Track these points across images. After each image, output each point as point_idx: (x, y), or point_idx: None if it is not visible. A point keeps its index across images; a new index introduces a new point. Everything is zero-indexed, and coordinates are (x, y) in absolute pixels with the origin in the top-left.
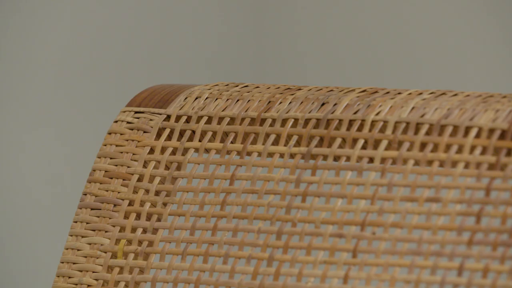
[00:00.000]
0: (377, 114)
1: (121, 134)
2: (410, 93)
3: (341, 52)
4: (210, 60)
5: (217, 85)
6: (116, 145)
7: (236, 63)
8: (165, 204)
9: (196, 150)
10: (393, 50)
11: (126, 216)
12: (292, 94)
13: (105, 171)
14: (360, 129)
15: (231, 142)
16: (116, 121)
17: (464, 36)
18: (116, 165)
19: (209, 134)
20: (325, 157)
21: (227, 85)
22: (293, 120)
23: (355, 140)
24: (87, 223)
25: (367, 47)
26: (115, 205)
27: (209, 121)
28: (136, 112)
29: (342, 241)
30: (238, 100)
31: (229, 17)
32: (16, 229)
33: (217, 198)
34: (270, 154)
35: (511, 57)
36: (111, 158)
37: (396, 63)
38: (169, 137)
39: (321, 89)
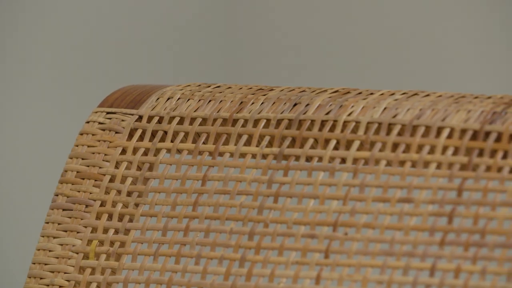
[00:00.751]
0: (349, 114)
1: (93, 134)
2: (382, 94)
3: (315, 52)
4: (182, 61)
5: (189, 85)
6: (88, 146)
7: (208, 64)
8: (137, 205)
9: (168, 150)
10: (368, 49)
11: (98, 217)
12: (264, 95)
13: (77, 172)
14: (332, 129)
15: (203, 143)
16: (88, 122)
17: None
18: (88, 166)
19: (181, 134)
20: (297, 158)
21: (199, 85)
22: (265, 120)
23: (327, 141)
24: (58, 224)
25: (342, 47)
26: (87, 206)
27: (181, 121)
28: (108, 113)
29: (314, 241)
30: (210, 101)
31: (201, 17)
32: None
33: (189, 198)
34: (242, 155)
35: (506, 58)
36: (83, 159)
37: (369, 63)
38: (141, 138)
39: (293, 90)
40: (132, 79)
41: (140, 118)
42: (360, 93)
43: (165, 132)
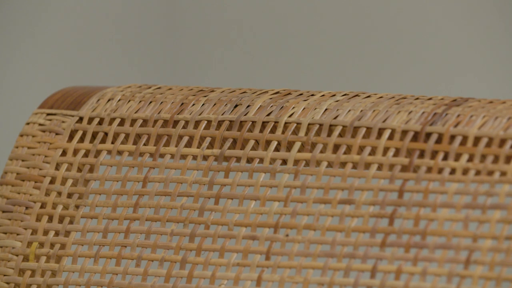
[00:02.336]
0: (290, 116)
1: (33, 136)
2: (323, 95)
3: (255, 53)
4: (122, 62)
5: (129, 86)
6: (28, 147)
7: (149, 65)
8: (77, 207)
9: (109, 152)
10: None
11: (38, 219)
12: (205, 96)
13: (17, 174)
14: (273, 131)
15: (144, 144)
16: (28, 123)
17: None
18: (28, 168)
19: (122, 136)
20: (238, 159)
21: (140, 86)
22: (206, 122)
23: (268, 142)
24: None
25: (289, 47)
26: (27, 208)
27: (121, 123)
28: (48, 114)
29: (255, 243)
30: (151, 102)
31: (142, 18)
32: None
33: (129, 200)
34: (183, 156)
35: (506, 60)
36: (23, 161)
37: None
38: (81, 139)
39: (234, 91)
40: (73, 80)
41: (80, 119)
42: (301, 94)
43: (106, 134)
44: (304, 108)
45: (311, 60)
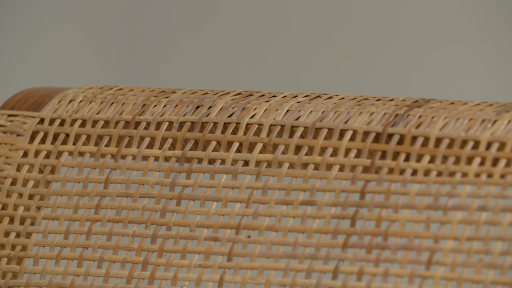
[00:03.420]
0: (252, 117)
1: None
2: (285, 96)
3: (216, 54)
4: (84, 63)
5: (91, 88)
6: None
7: (110, 66)
8: (38, 208)
9: (70, 153)
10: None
11: None
12: (167, 97)
13: None
14: (235, 132)
15: (106, 146)
16: None
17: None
18: None
19: (83, 137)
20: (200, 160)
21: (101, 87)
22: (167, 123)
23: (230, 143)
24: None
25: (249, 48)
26: None
27: (83, 124)
28: (9, 115)
29: (217, 244)
30: (112, 103)
31: (103, 18)
32: None
33: (91, 201)
34: (145, 158)
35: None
36: None
37: (277, 64)
38: (42, 141)
39: (195, 92)
40: (34, 81)
41: (42, 120)
42: (262, 95)
43: (67, 135)
44: (265, 109)
45: (272, 61)
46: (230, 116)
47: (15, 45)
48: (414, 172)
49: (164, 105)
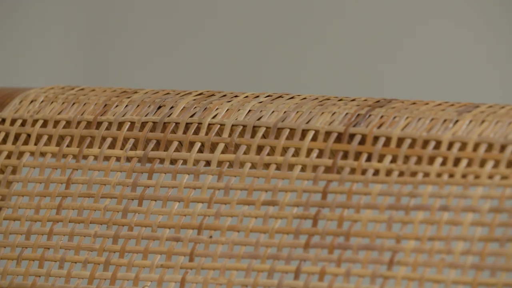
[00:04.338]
0: (214, 117)
1: None
2: (246, 96)
3: (178, 54)
4: (45, 63)
5: (52, 88)
6: None
7: (72, 66)
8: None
9: (32, 153)
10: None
11: None
12: (129, 97)
13: None
14: (197, 132)
15: (67, 146)
16: None
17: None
18: None
19: (45, 137)
20: (161, 161)
21: (62, 88)
22: (129, 123)
23: (192, 143)
24: None
25: (210, 48)
26: None
27: (44, 124)
28: None
29: (179, 244)
30: (74, 103)
31: (65, 17)
32: None
33: (53, 202)
34: (107, 158)
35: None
36: None
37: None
38: (4, 141)
39: (157, 92)
40: None
41: (3, 121)
42: (224, 95)
43: (29, 135)
44: (227, 110)
45: (234, 61)
46: (192, 116)
47: None
48: (376, 172)
49: (126, 105)
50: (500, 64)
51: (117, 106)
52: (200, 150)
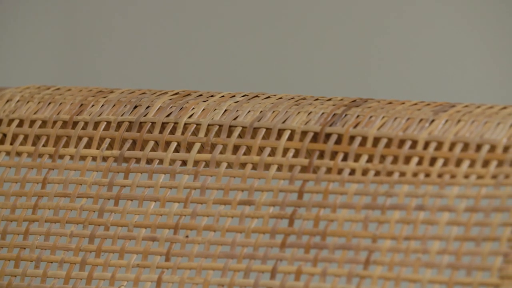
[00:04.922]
0: (190, 116)
1: None
2: (222, 96)
3: (155, 54)
4: (21, 63)
5: (28, 87)
6: None
7: (47, 65)
8: None
9: (7, 153)
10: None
11: None
12: (105, 97)
13: None
14: (173, 132)
15: (43, 146)
16: None
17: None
18: None
19: (21, 137)
20: (138, 160)
21: (38, 87)
22: (105, 123)
23: (168, 143)
24: None
25: (187, 48)
26: None
27: (20, 124)
28: None
29: (155, 244)
30: (50, 103)
31: (41, 16)
32: None
33: (28, 201)
34: (83, 157)
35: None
36: None
37: (215, 64)
38: None
39: (133, 92)
40: None
41: None
42: (200, 95)
43: (4, 135)
44: (203, 109)
45: (210, 61)
46: (168, 116)
47: None
48: (352, 172)
49: (102, 105)
50: (500, 64)
51: (93, 105)
52: (176, 150)
